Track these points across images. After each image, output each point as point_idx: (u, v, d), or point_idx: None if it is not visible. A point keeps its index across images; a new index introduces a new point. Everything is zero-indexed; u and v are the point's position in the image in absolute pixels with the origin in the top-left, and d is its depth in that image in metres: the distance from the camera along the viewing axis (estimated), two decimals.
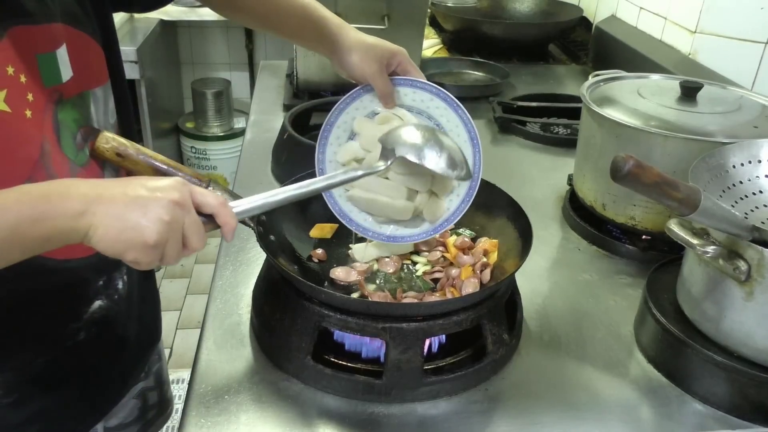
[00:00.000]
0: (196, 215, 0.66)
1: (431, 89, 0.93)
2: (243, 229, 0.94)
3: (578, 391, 0.85)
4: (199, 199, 0.67)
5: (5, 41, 0.69)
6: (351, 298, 0.85)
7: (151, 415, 1.15)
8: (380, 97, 0.93)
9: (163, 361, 1.18)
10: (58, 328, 0.85)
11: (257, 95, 1.82)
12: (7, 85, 0.69)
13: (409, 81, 0.93)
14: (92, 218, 0.61)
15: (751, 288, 0.78)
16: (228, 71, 3.48)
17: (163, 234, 0.63)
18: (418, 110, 0.94)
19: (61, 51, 0.76)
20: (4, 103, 0.69)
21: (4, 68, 0.69)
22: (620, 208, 1.13)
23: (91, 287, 0.87)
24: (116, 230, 0.62)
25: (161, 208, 0.62)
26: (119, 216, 0.62)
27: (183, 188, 0.65)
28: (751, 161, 0.92)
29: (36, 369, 0.83)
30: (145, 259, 0.64)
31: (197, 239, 0.66)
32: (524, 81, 1.97)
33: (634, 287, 1.06)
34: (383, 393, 0.81)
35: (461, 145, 0.91)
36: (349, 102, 0.95)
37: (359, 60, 0.93)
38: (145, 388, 1.11)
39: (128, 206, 0.62)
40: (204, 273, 2.99)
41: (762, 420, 0.82)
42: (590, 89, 1.20)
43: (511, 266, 0.89)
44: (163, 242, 0.63)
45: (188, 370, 0.88)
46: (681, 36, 1.65)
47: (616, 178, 0.70)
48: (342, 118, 0.95)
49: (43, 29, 0.74)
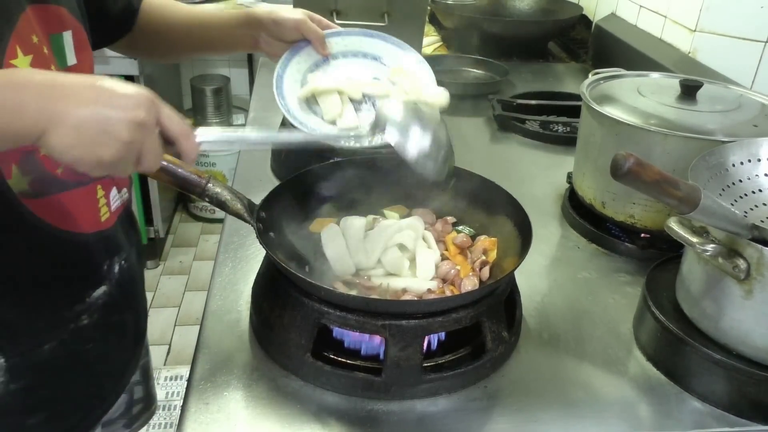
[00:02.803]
0: (156, 138, 0.64)
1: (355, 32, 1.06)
2: (243, 225, 0.94)
3: (577, 389, 0.85)
4: (165, 121, 0.65)
5: (28, 13, 0.71)
6: (350, 295, 0.85)
7: (137, 410, 1.15)
8: (314, 44, 1.06)
9: (149, 355, 1.18)
10: (64, 310, 0.85)
11: (256, 92, 1.82)
12: (32, 52, 0.70)
13: (335, 31, 1.06)
14: (47, 122, 0.58)
15: (750, 286, 0.78)
16: (227, 68, 3.47)
17: (119, 153, 0.61)
18: (354, 52, 1.06)
19: (67, 35, 0.78)
20: (30, 67, 0.70)
21: (30, 36, 0.70)
22: (620, 206, 1.13)
23: (97, 271, 0.88)
24: (71, 142, 0.59)
25: (123, 126, 0.60)
26: (77, 125, 0.59)
27: (151, 106, 0.63)
28: (751, 160, 0.92)
29: (43, 355, 0.84)
30: (95, 173, 0.62)
31: (152, 161, 0.65)
32: (524, 79, 1.97)
33: (634, 285, 1.06)
34: (382, 390, 0.81)
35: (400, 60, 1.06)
36: (290, 57, 1.06)
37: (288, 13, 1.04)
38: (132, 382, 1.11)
39: (89, 118, 0.59)
40: (203, 270, 2.99)
41: (760, 418, 0.82)
42: (590, 87, 1.20)
43: (510, 264, 0.89)
44: (117, 161, 0.61)
45: (187, 367, 0.88)
46: (681, 34, 1.65)
47: (616, 176, 0.70)
48: (289, 70, 1.05)
49: (53, 10, 0.76)
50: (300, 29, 1.04)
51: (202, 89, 3.16)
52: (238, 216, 0.89)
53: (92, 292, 0.88)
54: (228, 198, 0.88)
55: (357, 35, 1.06)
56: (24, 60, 0.69)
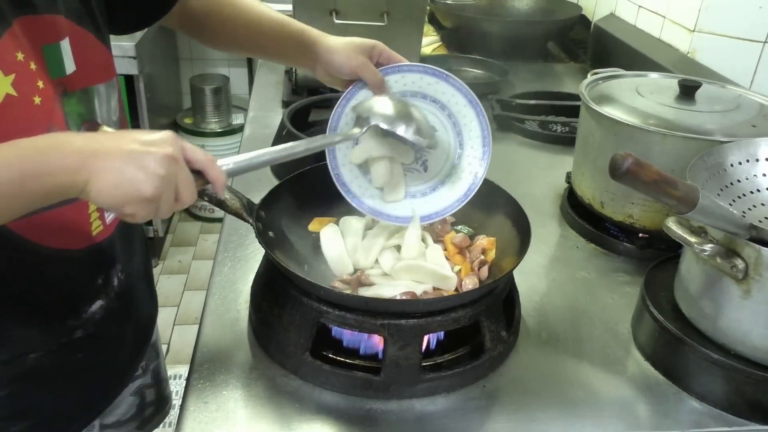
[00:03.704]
0: (188, 170, 0.68)
1: (418, 69, 0.95)
2: (241, 224, 0.94)
3: (575, 389, 0.85)
4: (189, 155, 0.68)
5: (15, 29, 0.70)
6: (349, 295, 0.85)
7: (149, 412, 1.15)
8: (372, 88, 0.94)
9: (161, 358, 1.18)
10: (56, 325, 0.84)
11: (256, 91, 1.82)
12: (15, 70, 0.70)
13: (395, 67, 0.95)
14: (89, 173, 0.62)
15: (748, 286, 0.78)
16: (227, 67, 3.47)
17: (159, 187, 0.64)
18: (412, 92, 0.96)
19: (64, 43, 0.77)
20: (11, 87, 0.70)
21: (13, 54, 0.70)
22: (618, 206, 1.14)
23: (91, 285, 0.87)
24: (113, 184, 0.63)
25: (156, 162, 0.64)
26: (116, 170, 0.63)
27: (175, 143, 0.67)
28: (749, 160, 0.92)
29: (29, 363, 0.83)
30: (142, 212, 0.65)
31: (189, 193, 0.68)
32: (523, 79, 1.97)
33: (632, 285, 1.06)
34: (381, 389, 0.81)
35: (462, 111, 0.95)
36: (345, 103, 0.95)
37: (345, 57, 0.94)
38: (142, 386, 1.10)
39: (124, 160, 0.63)
40: (202, 269, 2.99)
41: (758, 418, 0.82)
42: (589, 87, 1.20)
43: (509, 264, 0.89)
44: (159, 195, 0.64)
45: (186, 366, 0.88)
46: (680, 34, 1.65)
47: (615, 176, 0.70)
48: (343, 120, 0.95)
49: (47, 20, 0.75)
50: (357, 74, 0.94)
51: (202, 89, 3.16)
52: (238, 215, 0.89)
53: (88, 307, 0.87)
54: (227, 197, 0.89)
55: (417, 72, 0.95)
56: (4, 81, 0.69)
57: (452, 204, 0.96)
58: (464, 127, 0.96)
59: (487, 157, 0.95)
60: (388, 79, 0.95)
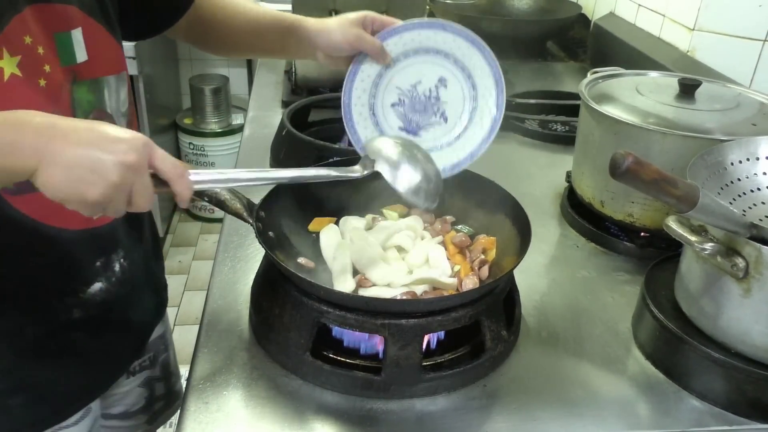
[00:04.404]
0: (148, 179, 0.65)
1: (413, 26, 0.95)
2: (242, 225, 0.94)
3: (576, 388, 0.85)
4: (158, 164, 0.66)
5: (25, 14, 0.72)
6: (350, 294, 0.85)
7: (159, 406, 1.16)
8: (374, 57, 0.95)
9: (171, 351, 1.18)
10: (54, 302, 0.86)
11: (255, 91, 1.82)
12: (22, 53, 0.72)
13: (391, 30, 0.95)
14: (39, 160, 0.60)
15: (748, 285, 0.78)
16: (226, 67, 3.47)
17: (106, 195, 0.62)
18: (414, 50, 0.96)
19: (76, 33, 0.79)
20: (17, 68, 0.71)
21: (21, 37, 0.72)
22: (618, 205, 1.14)
23: (90, 267, 0.88)
24: (60, 179, 0.61)
25: (112, 167, 0.61)
26: (66, 165, 0.61)
27: (142, 149, 0.64)
28: (750, 158, 0.92)
29: (27, 339, 0.84)
30: (85, 212, 0.64)
31: (144, 202, 0.66)
32: (522, 78, 1.97)
33: (632, 284, 1.06)
34: (382, 389, 0.81)
35: (466, 54, 0.95)
36: (352, 78, 0.96)
37: (340, 34, 0.95)
38: (151, 378, 1.11)
39: (78, 157, 0.61)
40: (202, 269, 2.99)
41: (759, 416, 0.82)
42: (589, 86, 1.20)
43: (509, 263, 0.89)
44: (105, 202, 0.63)
45: (186, 366, 0.88)
46: (679, 33, 1.65)
47: (615, 175, 0.70)
48: (355, 95, 0.97)
49: (59, 9, 0.77)
50: (356, 47, 0.95)
51: (201, 89, 3.16)
52: (238, 215, 0.89)
53: (86, 288, 0.88)
54: (227, 197, 0.89)
55: (414, 29, 0.94)
56: (10, 61, 0.70)
57: (479, 145, 0.97)
58: (473, 69, 0.97)
59: (501, 90, 0.97)
60: (387, 44, 0.95)
